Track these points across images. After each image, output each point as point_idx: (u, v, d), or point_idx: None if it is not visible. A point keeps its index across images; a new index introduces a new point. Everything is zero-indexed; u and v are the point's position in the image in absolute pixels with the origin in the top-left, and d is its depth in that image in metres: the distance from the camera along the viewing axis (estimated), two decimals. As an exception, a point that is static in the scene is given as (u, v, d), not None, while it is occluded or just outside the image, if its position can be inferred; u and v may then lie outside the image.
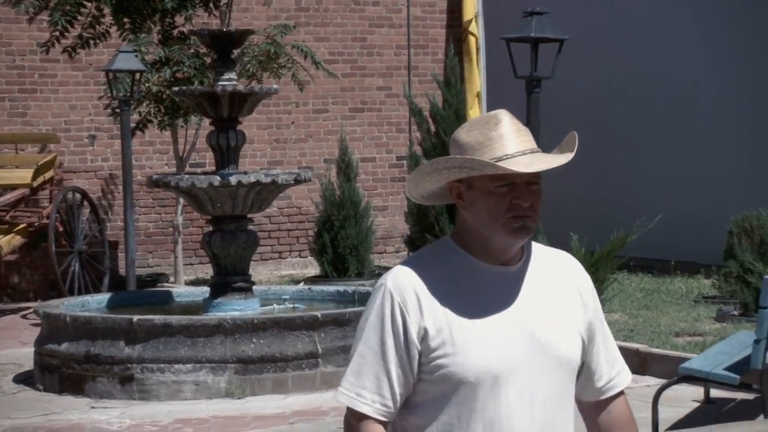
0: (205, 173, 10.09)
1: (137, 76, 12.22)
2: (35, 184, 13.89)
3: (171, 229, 14.74)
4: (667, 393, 8.14)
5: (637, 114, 15.05)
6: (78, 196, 14.13)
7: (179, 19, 13.26)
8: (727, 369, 7.25)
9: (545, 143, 3.33)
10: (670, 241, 13.89)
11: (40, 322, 10.13)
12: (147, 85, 12.86)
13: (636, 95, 15.10)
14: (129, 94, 12.21)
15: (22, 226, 13.77)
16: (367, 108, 16.88)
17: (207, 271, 14.26)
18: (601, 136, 14.86)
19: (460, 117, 15.17)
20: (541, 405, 2.79)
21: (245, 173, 9.95)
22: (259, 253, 16.11)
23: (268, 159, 16.28)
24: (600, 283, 10.89)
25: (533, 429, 2.78)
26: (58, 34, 12.91)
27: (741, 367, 7.28)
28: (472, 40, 9.19)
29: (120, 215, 14.11)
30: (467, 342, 2.74)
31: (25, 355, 10.28)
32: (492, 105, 14.37)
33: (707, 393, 8.26)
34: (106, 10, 13.07)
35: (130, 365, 9.09)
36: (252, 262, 15.78)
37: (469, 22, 8.70)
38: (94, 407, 8.90)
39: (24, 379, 9.83)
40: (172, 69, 12.92)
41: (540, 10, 9.09)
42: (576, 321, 2.87)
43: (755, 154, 13.88)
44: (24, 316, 13.29)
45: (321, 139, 16.61)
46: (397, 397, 2.78)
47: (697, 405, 8.29)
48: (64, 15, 12.87)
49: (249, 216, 10.23)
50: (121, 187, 13.19)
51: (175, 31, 13.21)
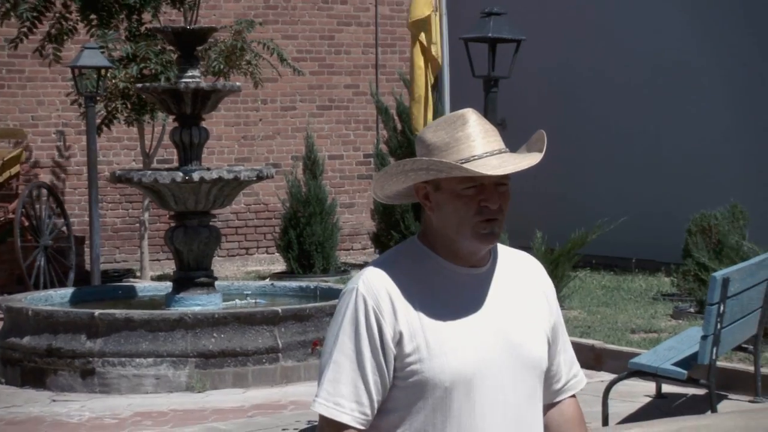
0: (168, 169, 10.16)
1: (103, 72, 12.28)
2: (1, 180, 13.93)
3: (138, 224, 14.81)
4: (621, 388, 8.30)
5: (600, 114, 15.21)
6: (44, 191, 14.18)
7: (146, 16, 13.33)
8: (676, 364, 7.39)
9: (512, 141, 3.41)
10: (632, 239, 14.05)
11: (2, 315, 10.20)
12: (114, 81, 12.93)
13: (597, 96, 15.26)
14: (95, 91, 12.28)
15: (-13, 221, 13.81)
16: (334, 106, 16.98)
17: (173, 266, 14.34)
18: (564, 135, 15.01)
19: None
20: (514, 407, 2.76)
21: (208, 169, 10.05)
22: (226, 249, 16.23)
23: (236, 156, 16.36)
24: (559, 281, 11.04)
25: (507, 431, 2.75)
26: (26, 29, 12.97)
27: (689, 362, 7.42)
28: (423, 36, 9.28)
29: (87, 210, 14.16)
30: (442, 346, 2.69)
31: (-12, 349, 10.32)
32: (455, 104, 14.49)
33: (659, 388, 8.42)
34: (74, 7, 13.13)
35: (91, 359, 9.18)
36: (219, 258, 16.03)
37: (423, 21, 8.79)
38: (55, 400, 8.98)
39: (-14, 372, 9.89)
40: (139, 65, 12.99)
41: (498, 10, 9.24)
42: (543, 323, 2.85)
43: (716, 154, 14.05)
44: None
45: (289, 136, 16.70)
46: (375, 404, 2.73)
47: (649, 400, 8.44)
48: (31, 10, 12.93)
49: (212, 212, 10.32)
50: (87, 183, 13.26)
51: (142, 28, 13.28)
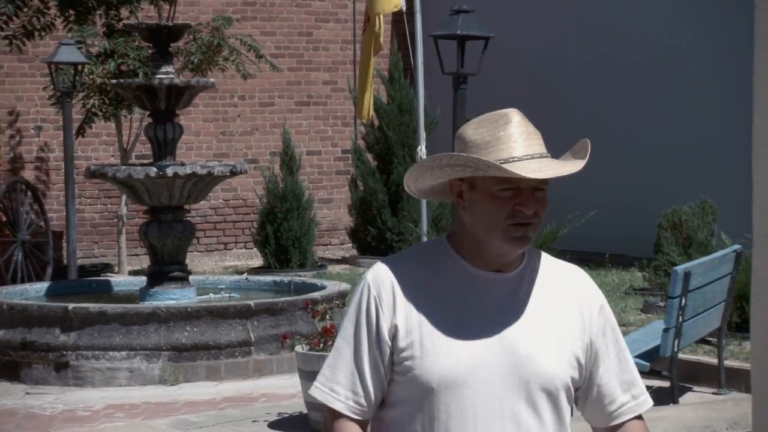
0: (142, 164, 10.26)
1: (80, 68, 12.37)
2: (-21, 175, 14.01)
3: (116, 219, 14.89)
4: (587, 381, 8.40)
5: (577, 107, 15.32)
6: (21, 186, 14.25)
7: (124, 12, 13.41)
8: (640, 356, 7.51)
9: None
10: (607, 234, 14.18)
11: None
12: (91, 77, 13.01)
13: (574, 89, 15.39)
14: (72, 86, 12.36)
15: (-34, 216, 13.88)
16: (312, 102, 17.09)
17: (151, 261, 14.46)
18: (541, 128, 15.14)
19: (404, 111, 15.45)
20: (514, 420, 2.65)
21: (182, 165, 10.14)
22: (205, 244, 16.33)
23: (214, 151, 16.46)
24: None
25: None
26: (2, 23, 13.04)
27: (652, 355, 7.55)
28: (375, 21, 9.43)
29: (65, 205, 14.24)
30: (435, 346, 2.63)
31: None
32: (429, 100, 14.60)
33: (625, 381, 8.53)
34: (52, 2, 13.21)
35: (65, 352, 9.26)
36: (197, 254, 16.14)
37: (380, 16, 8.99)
38: (29, 393, 9.07)
39: (-38, 365, 9.97)
40: (117, 61, 13.09)
41: (467, 8, 9.37)
42: (570, 338, 2.71)
43: (688, 148, 14.18)
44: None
45: (267, 132, 16.80)
46: (371, 395, 2.68)
47: (614, 392, 8.55)
48: (10, 2, 12.99)
49: (187, 207, 10.42)
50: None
51: (119, 24, 13.36)
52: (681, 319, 7.37)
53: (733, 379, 8.43)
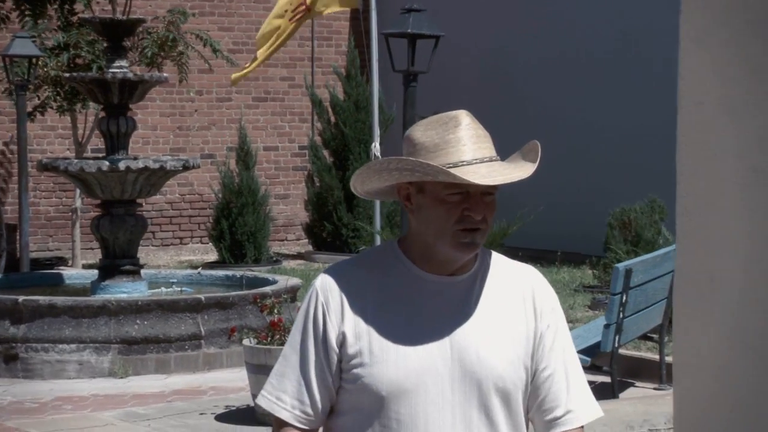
0: (95, 158, 10.30)
1: (34, 60, 12.38)
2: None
3: (70, 213, 14.91)
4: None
5: (532, 103, 15.44)
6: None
7: (79, 6, 13.42)
8: (581, 352, 7.62)
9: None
10: (559, 232, 14.33)
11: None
12: (45, 69, 13.02)
13: (520, 90, 15.50)
14: (26, 79, 12.38)
15: None
16: (270, 98, 17.14)
17: (106, 255, 14.48)
18: (495, 124, 15.25)
19: (360, 108, 15.53)
20: (467, 426, 2.60)
21: (135, 159, 10.19)
22: (160, 238, 16.35)
23: (171, 146, 16.48)
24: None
25: None
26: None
27: (594, 350, 7.68)
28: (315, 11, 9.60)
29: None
30: (384, 353, 2.57)
31: None
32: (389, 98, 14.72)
33: (568, 376, 8.66)
34: (8, -4, 13.22)
35: (14, 344, 9.29)
36: (152, 248, 16.15)
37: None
38: (-23, 385, 9.10)
39: None
40: (71, 54, 13.10)
41: (417, 7, 9.47)
42: (522, 341, 2.66)
43: (639, 147, 14.33)
44: None
45: (224, 127, 16.84)
46: (318, 404, 2.63)
47: (558, 387, 8.68)
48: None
49: (139, 201, 10.46)
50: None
51: (74, 18, 13.37)
52: (622, 315, 7.49)
53: (674, 375, 8.56)
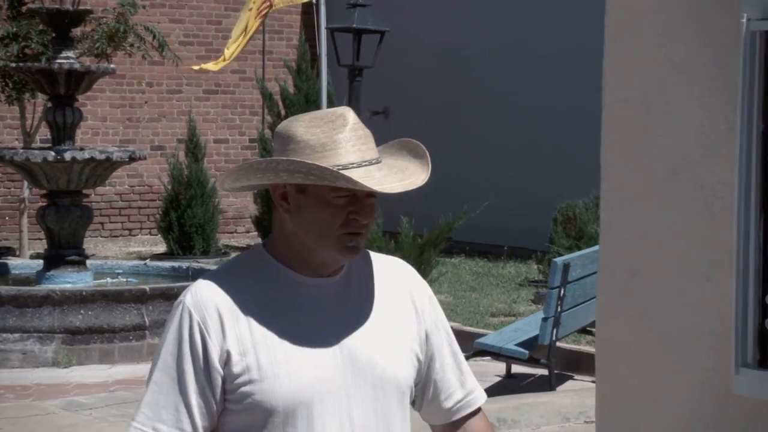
0: (41, 148, 10.30)
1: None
2: None
3: (19, 203, 14.87)
4: (474, 368, 8.59)
5: (471, 100, 15.55)
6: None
7: (28, -4, 13.40)
8: (520, 345, 7.75)
9: (393, 129, 3.59)
10: (506, 227, 14.45)
11: None
12: (-7, 59, 12.98)
13: (467, 82, 15.61)
14: (-26, 69, 12.35)
15: None
16: (221, 90, 17.16)
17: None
18: (442, 120, 15.38)
19: (310, 102, 15.54)
20: (364, 431, 2.50)
21: (81, 149, 10.20)
22: (109, 229, 16.34)
23: (121, 137, 16.47)
24: (425, 266, 11.37)
25: None
26: None
27: (533, 343, 7.79)
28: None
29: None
30: (275, 366, 2.43)
31: None
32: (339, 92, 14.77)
33: (509, 369, 8.78)
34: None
35: (-42, 333, 9.29)
36: (101, 239, 16.13)
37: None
38: None
39: None
40: (20, 45, 13.06)
41: (363, 2, 9.55)
42: (408, 335, 2.57)
43: (588, 141, 14.45)
44: None
45: (174, 119, 16.84)
46: (200, 431, 2.45)
47: (499, 379, 8.81)
48: None
49: (85, 191, 10.47)
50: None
51: (23, 8, 13.33)
52: (560, 309, 7.61)
53: (613, 368, 8.69)
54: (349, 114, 2.46)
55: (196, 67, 11.61)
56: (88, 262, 10.54)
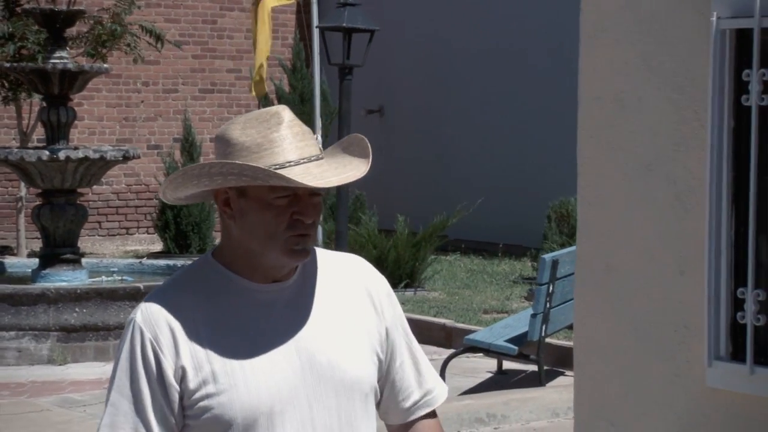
0: (35, 148, 10.37)
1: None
2: None
3: (16, 202, 14.93)
4: (467, 365, 8.78)
5: (465, 98, 15.60)
6: None
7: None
8: (510, 341, 7.81)
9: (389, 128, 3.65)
10: (501, 224, 14.50)
11: None
12: (-11, 59, 13.04)
13: (461, 80, 15.66)
14: (-31, 69, 12.39)
15: None
16: (216, 89, 17.21)
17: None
18: (437, 118, 15.43)
19: (305, 101, 15.63)
20: None
21: (75, 149, 10.27)
22: (107, 228, 16.40)
23: (117, 137, 16.52)
24: (420, 263, 11.47)
25: None
26: None
27: (522, 339, 7.86)
28: (267, 4, 9.75)
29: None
30: (231, 378, 2.37)
31: None
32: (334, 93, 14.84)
33: (500, 365, 8.85)
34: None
35: (-46, 332, 9.36)
36: (99, 238, 16.19)
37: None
38: None
39: None
40: (16, 45, 13.12)
41: (353, 1, 9.63)
42: (368, 334, 2.50)
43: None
44: None
45: (170, 118, 16.89)
46: None
47: (490, 375, 8.87)
48: None
49: (79, 190, 10.54)
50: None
51: (19, 9, 13.38)
52: (549, 305, 7.67)
53: (603, 364, 8.76)
54: (284, 112, 2.41)
55: (259, 89, 11.69)
56: (84, 261, 10.61)
